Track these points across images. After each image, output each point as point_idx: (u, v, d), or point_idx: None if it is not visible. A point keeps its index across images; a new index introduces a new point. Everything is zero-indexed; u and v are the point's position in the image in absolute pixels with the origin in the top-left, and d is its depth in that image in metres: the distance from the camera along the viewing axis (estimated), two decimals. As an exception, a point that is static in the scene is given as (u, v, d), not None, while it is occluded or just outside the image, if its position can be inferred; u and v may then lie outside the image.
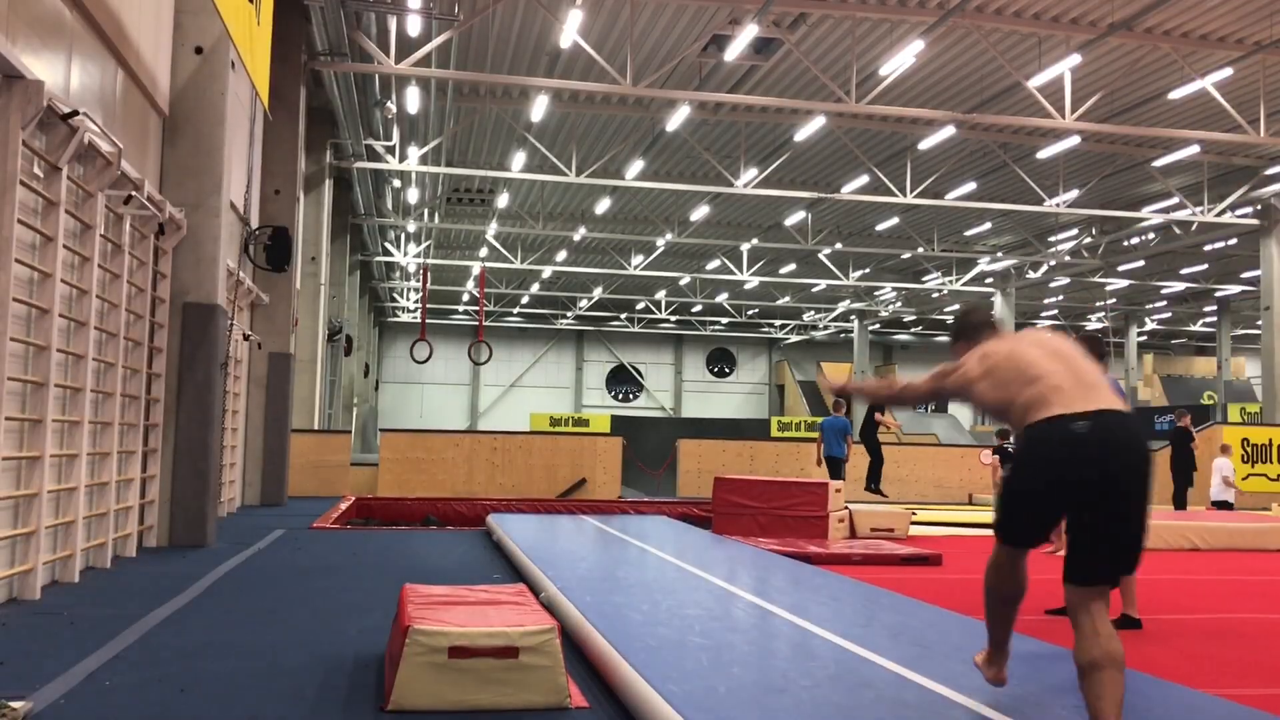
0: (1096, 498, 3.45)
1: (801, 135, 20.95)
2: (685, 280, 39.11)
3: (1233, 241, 30.61)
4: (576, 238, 31.66)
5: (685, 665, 4.39)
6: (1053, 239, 33.24)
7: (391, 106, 18.99)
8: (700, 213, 29.01)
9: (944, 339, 54.81)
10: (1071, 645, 3.51)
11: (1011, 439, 14.22)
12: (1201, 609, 7.70)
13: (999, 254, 33.56)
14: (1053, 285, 39.51)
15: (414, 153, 22.05)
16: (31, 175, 6.41)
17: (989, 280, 36.99)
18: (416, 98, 18.69)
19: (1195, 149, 21.06)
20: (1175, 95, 18.24)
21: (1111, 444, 3.45)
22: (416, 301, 44.72)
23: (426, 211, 30.76)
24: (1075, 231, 32.01)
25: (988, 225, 31.65)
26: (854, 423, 16.16)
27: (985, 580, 3.90)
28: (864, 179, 24.64)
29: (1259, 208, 24.72)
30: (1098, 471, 3.43)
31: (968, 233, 32.61)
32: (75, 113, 6.65)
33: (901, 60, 16.52)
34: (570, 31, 15.64)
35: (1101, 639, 3.38)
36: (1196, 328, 49.46)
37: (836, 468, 15.21)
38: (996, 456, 13.28)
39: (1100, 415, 3.48)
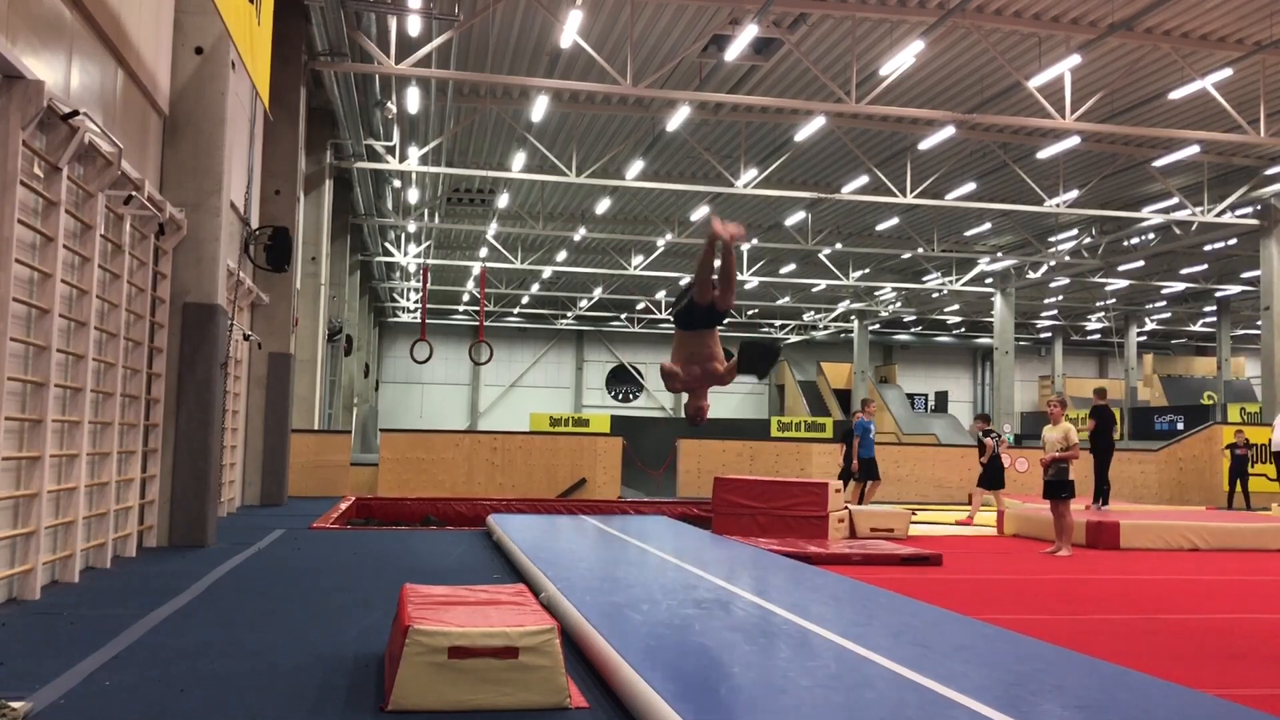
0: None
1: (801, 135, 20.95)
2: (685, 280, 39.06)
3: (1233, 241, 30.61)
4: (576, 238, 31.66)
5: (685, 665, 4.39)
6: (1053, 239, 33.24)
7: (391, 106, 18.99)
8: (700, 213, 29.01)
9: (944, 339, 54.84)
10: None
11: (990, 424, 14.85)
12: (1201, 609, 7.70)
13: (999, 254, 33.56)
14: (1053, 285, 39.51)
15: (414, 153, 22.05)
16: (31, 175, 6.41)
17: (989, 280, 36.99)
18: (416, 98, 18.69)
19: (1195, 149, 21.06)
20: (1175, 95, 18.24)
21: None
22: (416, 301, 44.72)
23: (426, 211, 30.77)
24: (1075, 231, 32.01)
25: (988, 225, 31.66)
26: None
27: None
28: (864, 179, 24.65)
29: (1259, 208, 24.72)
30: None
31: (968, 233, 32.61)
32: (75, 113, 6.65)
33: (901, 60, 16.52)
34: (570, 31, 15.64)
35: None
36: (1196, 328, 49.45)
37: (871, 468, 15.23)
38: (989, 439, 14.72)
39: None
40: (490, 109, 21.46)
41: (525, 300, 47.34)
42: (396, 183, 26.55)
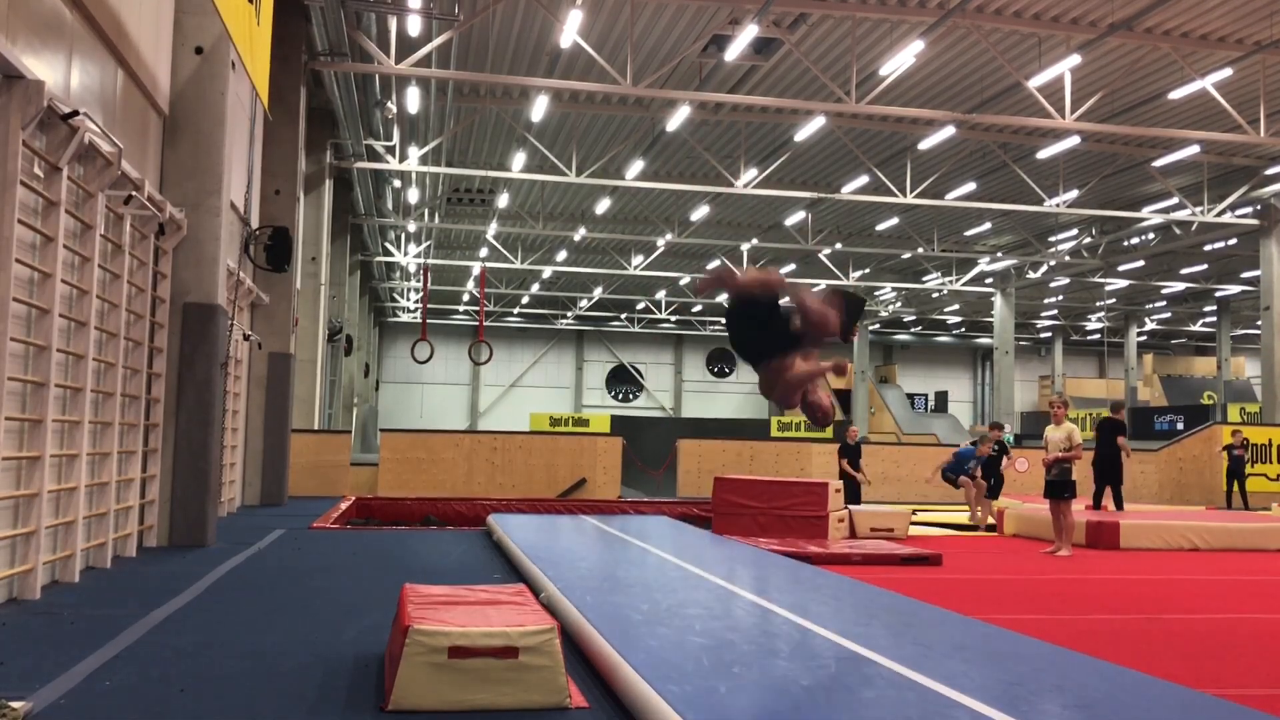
0: None
1: (801, 135, 20.95)
2: (685, 280, 39.12)
3: (1233, 241, 30.62)
4: (576, 238, 31.66)
5: (685, 665, 4.39)
6: (1053, 239, 33.24)
7: (391, 106, 18.99)
8: (700, 213, 29.01)
9: (944, 339, 54.87)
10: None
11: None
12: (1201, 609, 7.70)
13: (999, 254, 33.57)
14: (1053, 285, 39.51)
15: (414, 153, 22.05)
16: (32, 175, 6.41)
17: (989, 280, 36.98)
18: (416, 98, 18.69)
19: (1195, 149, 21.07)
20: (1175, 95, 18.24)
21: None
22: (417, 301, 44.72)
23: (426, 211, 30.76)
24: (1075, 231, 32.02)
25: (988, 225, 31.65)
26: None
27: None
28: (864, 179, 24.64)
29: (1259, 208, 24.73)
30: None
31: (968, 233, 32.61)
32: (75, 113, 6.65)
33: (901, 60, 16.52)
34: (570, 31, 15.64)
35: None
36: (1196, 328, 49.45)
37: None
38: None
39: None
40: (490, 109, 21.46)
41: (525, 300, 47.33)
42: (396, 183, 26.54)
